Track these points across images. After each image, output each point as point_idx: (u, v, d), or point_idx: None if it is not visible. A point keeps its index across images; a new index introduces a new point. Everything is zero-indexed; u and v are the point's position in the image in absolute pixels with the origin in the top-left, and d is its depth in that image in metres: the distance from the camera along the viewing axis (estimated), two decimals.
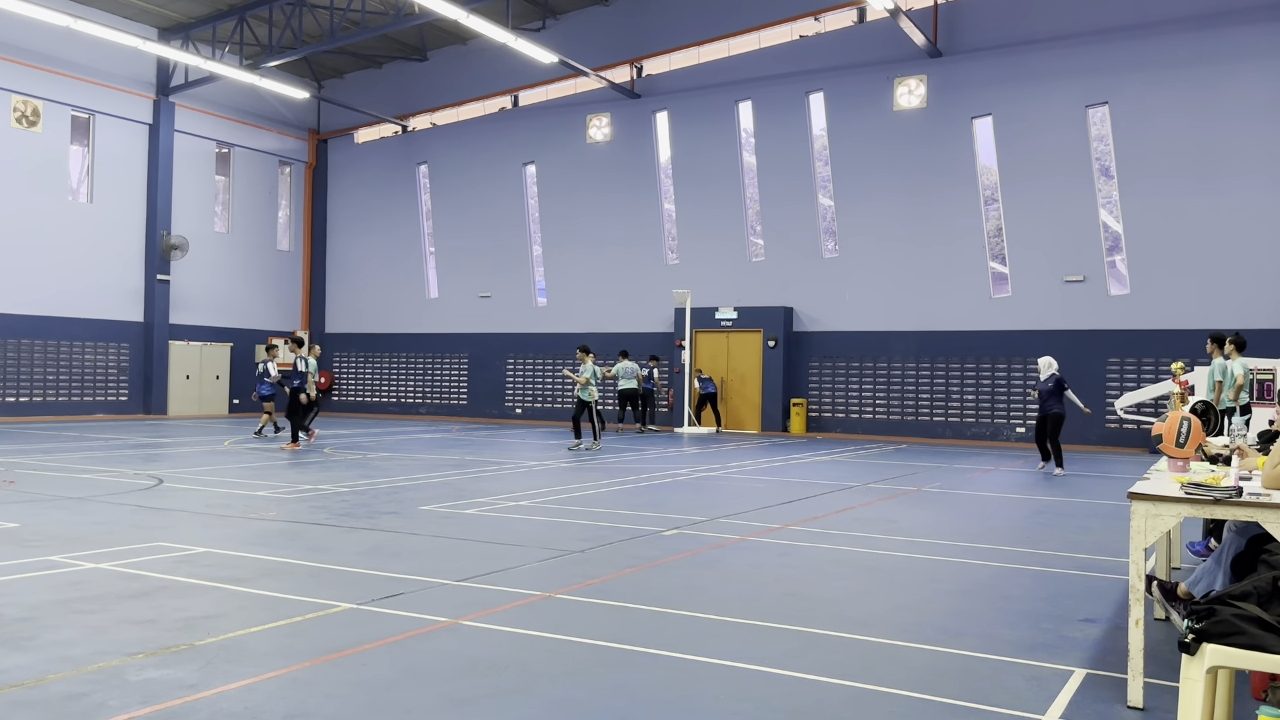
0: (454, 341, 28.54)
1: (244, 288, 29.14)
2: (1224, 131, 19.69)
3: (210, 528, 8.46)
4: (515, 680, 4.45)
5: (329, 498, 10.50)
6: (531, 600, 5.98)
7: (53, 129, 24.34)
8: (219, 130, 28.14)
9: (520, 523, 9.05)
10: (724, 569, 7.10)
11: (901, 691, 4.37)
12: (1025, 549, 8.18)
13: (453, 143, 28.88)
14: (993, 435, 21.87)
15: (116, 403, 25.82)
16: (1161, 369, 19.91)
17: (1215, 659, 3.36)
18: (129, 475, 12.26)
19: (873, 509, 10.48)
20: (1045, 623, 5.67)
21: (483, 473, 13.45)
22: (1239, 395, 11.49)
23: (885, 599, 6.25)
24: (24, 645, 4.83)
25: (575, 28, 26.33)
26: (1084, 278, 20.91)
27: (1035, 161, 21.41)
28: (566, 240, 27.01)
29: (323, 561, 7.07)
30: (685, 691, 4.34)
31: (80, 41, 23.82)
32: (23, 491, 10.56)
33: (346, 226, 31.03)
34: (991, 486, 13.07)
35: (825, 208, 24.14)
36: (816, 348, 23.79)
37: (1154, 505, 4.20)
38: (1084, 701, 4.30)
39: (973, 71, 22.06)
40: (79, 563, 6.83)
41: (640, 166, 26.04)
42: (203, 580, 6.35)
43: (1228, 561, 4.78)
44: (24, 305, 23.71)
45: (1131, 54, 20.53)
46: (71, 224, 24.72)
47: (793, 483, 12.87)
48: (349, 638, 5.08)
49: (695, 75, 25.23)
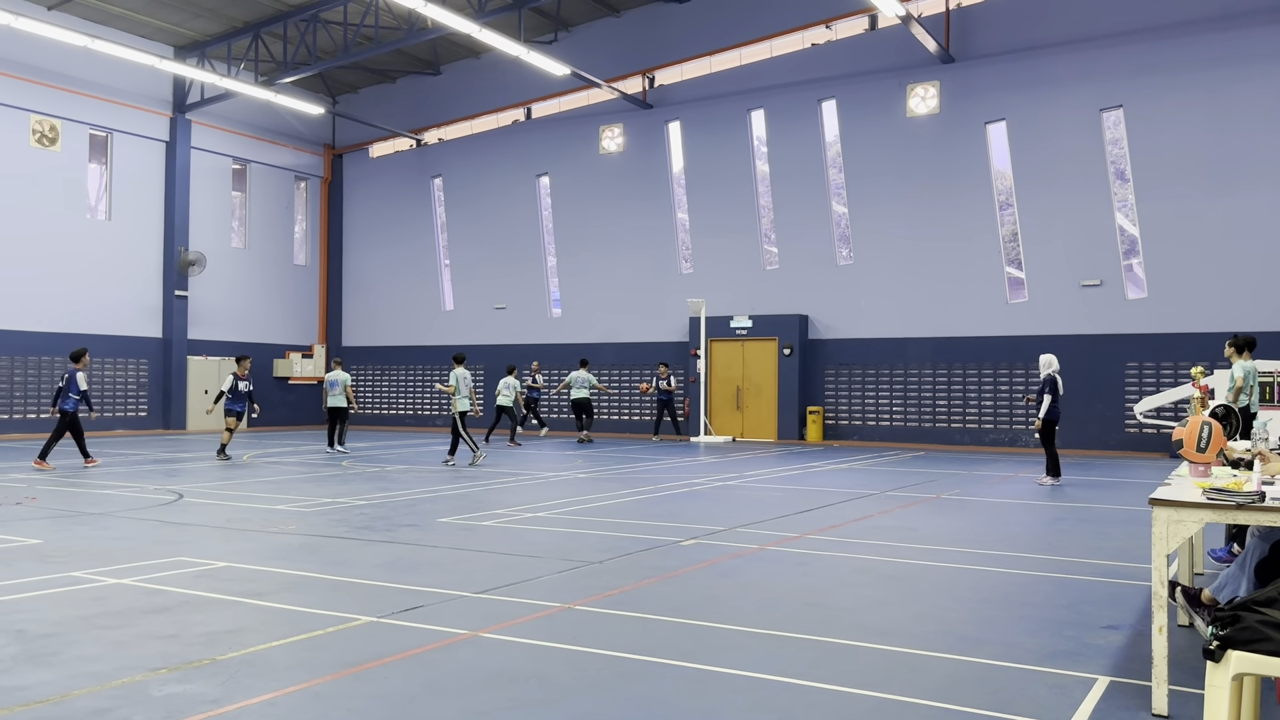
0: (470, 353, 28.56)
1: (261, 302, 29.32)
2: (1239, 133, 19.57)
3: (231, 542, 8.50)
4: (535, 692, 4.45)
5: (348, 511, 10.54)
6: (551, 612, 5.99)
7: (71, 148, 24.59)
8: (235, 146, 28.36)
9: (538, 534, 9.06)
10: (743, 579, 7.08)
11: (923, 701, 4.35)
12: (1046, 555, 8.12)
13: (467, 155, 29.01)
14: (1011, 441, 21.76)
15: (136, 418, 26.00)
16: (1181, 373, 19.76)
17: (1241, 666, 3.33)
18: (150, 490, 12.34)
19: (892, 517, 10.44)
20: (1067, 630, 5.63)
21: (500, 484, 13.47)
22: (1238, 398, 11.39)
23: (905, 607, 6.22)
24: (48, 661, 4.86)
25: (587, 39, 26.43)
26: (1101, 282, 20.80)
27: (1050, 166, 21.34)
28: (581, 251, 27.07)
29: (343, 575, 7.09)
30: (705, 703, 4.33)
31: (97, 61, 24.07)
32: (45, 508, 10.64)
33: (362, 240, 31.20)
34: (1011, 493, 12.99)
35: (839, 215, 24.11)
36: (832, 355, 23.74)
37: (1176, 511, 4.17)
38: (1108, 709, 4.27)
39: (986, 77, 22.01)
40: (101, 578, 6.88)
41: (653, 176, 26.08)
42: (224, 595, 6.38)
43: (1252, 567, 4.74)
44: (44, 323, 23.92)
45: (1145, 57, 20.44)
46: (90, 241, 24.95)
47: (810, 491, 12.83)
48: (370, 651, 5.09)
49: (707, 85, 25.27)
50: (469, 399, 16.40)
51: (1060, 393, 13.95)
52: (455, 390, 16.19)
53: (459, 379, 16.19)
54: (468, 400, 16.34)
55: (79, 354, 15.90)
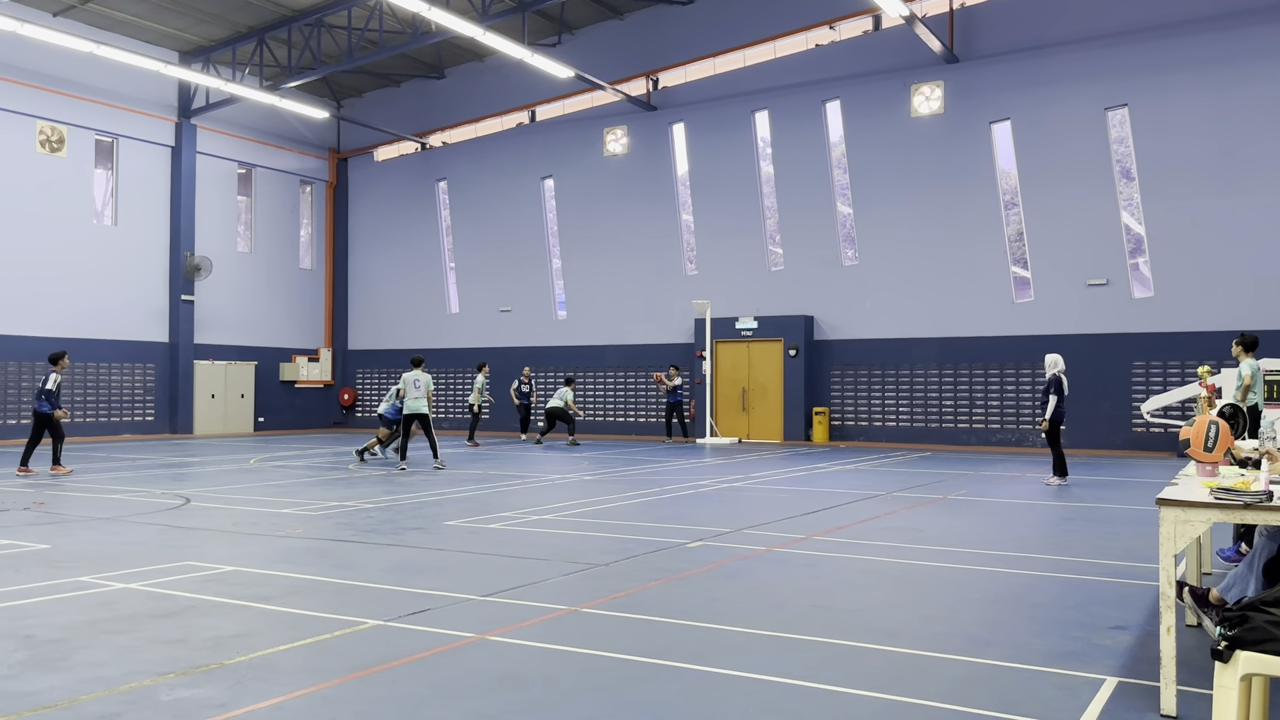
0: (475, 356, 28.61)
1: (267, 306, 29.37)
2: (1245, 131, 19.52)
3: (238, 546, 8.51)
4: (542, 695, 4.45)
5: (354, 514, 10.55)
6: (557, 615, 5.98)
7: (77, 153, 24.67)
8: (240, 151, 28.43)
9: (544, 537, 9.06)
10: (749, 581, 7.07)
11: (931, 703, 4.34)
12: (1053, 556, 8.10)
13: (471, 158, 29.05)
14: (1018, 441, 21.71)
15: (143, 423, 26.06)
16: (1188, 372, 19.72)
17: (1249, 666, 3.32)
18: (157, 495, 12.37)
19: (898, 518, 10.42)
20: (1075, 630, 5.61)
21: (506, 487, 13.48)
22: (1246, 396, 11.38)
23: (913, 609, 6.21)
24: (56, 666, 4.87)
25: (591, 42, 26.45)
26: (1107, 281, 20.76)
27: (1055, 165, 21.30)
28: (586, 253, 27.08)
29: (349, 578, 7.10)
30: (713, 705, 4.33)
31: (103, 67, 24.14)
32: (52, 513, 10.67)
33: (367, 244, 31.25)
34: (1018, 493, 12.97)
35: (844, 215, 24.09)
36: (838, 356, 23.72)
37: (1183, 511, 4.16)
38: (1116, 710, 4.25)
39: (990, 76, 21.99)
40: (109, 583, 6.89)
41: (658, 178, 26.09)
42: (231, 599, 6.39)
43: (1260, 567, 4.73)
44: (51, 328, 23.99)
45: (1150, 55, 20.40)
46: (96, 247, 25.02)
47: (817, 492, 12.82)
48: (377, 654, 5.10)
49: (711, 86, 25.28)
50: (424, 400, 16.03)
51: (1065, 392, 13.89)
52: (404, 393, 16.13)
53: (407, 382, 16.07)
54: (422, 402, 16.02)
55: (57, 356, 15.87)
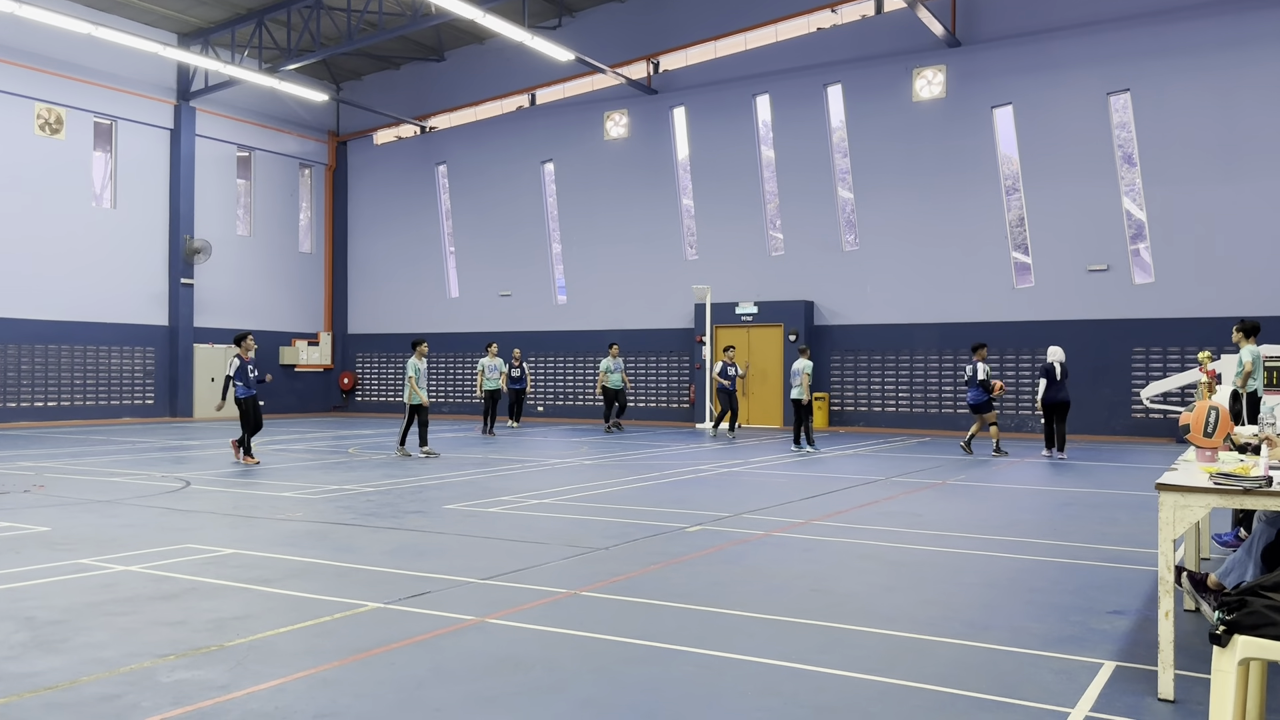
0: (475, 340, 28.60)
1: (267, 290, 29.34)
2: (1247, 117, 19.45)
3: (238, 529, 8.53)
4: (542, 678, 4.47)
5: (354, 498, 10.57)
6: (557, 598, 6.00)
7: (76, 136, 24.58)
8: (240, 134, 28.33)
9: (544, 520, 9.08)
10: (748, 565, 7.09)
11: (929, 686, 4.36)
12: (1052, 541, 8.12)
13: (471, 142, 28.96)
14: (1017, 426, 21.73)
15: (143, 406, 26.07)
16: (1188, 358, 19.71)
17: (1247, 650, 3.33)
18: (157, 478, 12.39)
19: (897, 502, 10.44)
20: (1073, 615, 5.63)
21: (506, 471, 13.50)
22: (1247, 382, 11.41)
23: (911, 593, 6.22)
24: (57, 648, 4.89)
25: (591, 25, 26.33)
26: (1108, 266, 20.73)
27: (1057, 150, 21.23)
28: (586, 238, 27.03)
29: (349, 561, 7.12)
30: (712, 688, 4.35)
31: (101, 49, 24.02)
32: (53, 495, 10.69)
33: (367, 227, 31.19)
34: (1017, 479, 12.99)
35: (845, 200, 24.03)
36: (838, 341, 23.71)
37: (1182, 496, 4.16)
38: (1114, 694, 4.27)
39: (992, 61, 21.89)
40: (110, 565, 6.91)
41: (658, 162, 26.02)
42: (231, 581, 6.41)
43: (1258, 552, 4.74)
44: (50, 311, 23.96)
45: (1153, 40, 20.31)
46: (96, 230, 24.96)
47: (816, 477, 12.84)
48: (377, 637, 5.11)
49: (712, 70, 25.17)
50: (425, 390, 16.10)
51: (1056, 379, 15.63)
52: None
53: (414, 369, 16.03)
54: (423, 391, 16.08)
55: (240, 337, 16.20)
